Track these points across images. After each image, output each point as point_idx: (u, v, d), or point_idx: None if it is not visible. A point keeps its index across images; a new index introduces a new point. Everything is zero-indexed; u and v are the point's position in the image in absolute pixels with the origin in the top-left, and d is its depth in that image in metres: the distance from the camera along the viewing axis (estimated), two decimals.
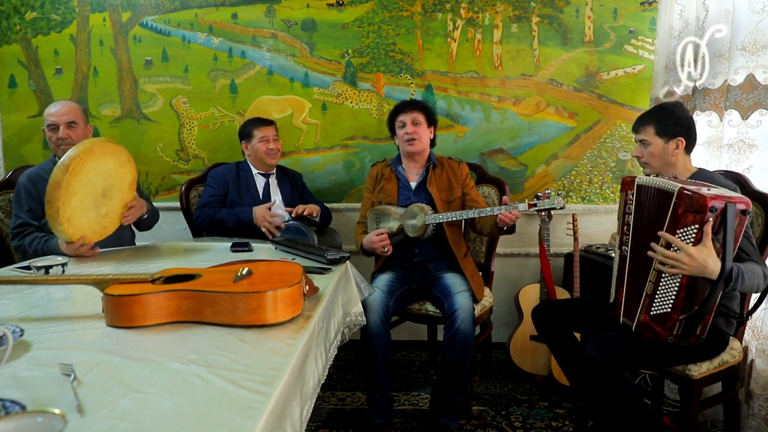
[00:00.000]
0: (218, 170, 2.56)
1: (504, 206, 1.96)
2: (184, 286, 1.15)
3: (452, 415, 2.03)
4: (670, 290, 1.48)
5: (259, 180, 2.55)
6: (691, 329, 1.46)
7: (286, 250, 1.94)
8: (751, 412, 1.92)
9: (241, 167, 2.56)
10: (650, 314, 1.53)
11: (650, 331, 1.52)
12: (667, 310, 1.48)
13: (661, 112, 1.75)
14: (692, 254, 1.39)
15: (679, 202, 1.43)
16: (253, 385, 0.83)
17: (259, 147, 2.48)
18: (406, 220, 2.16)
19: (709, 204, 1.36)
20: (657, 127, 1.72)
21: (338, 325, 1.55)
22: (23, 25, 2.82)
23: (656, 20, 2.67)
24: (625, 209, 1.65)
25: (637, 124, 1.78)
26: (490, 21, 2.79)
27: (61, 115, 2.05)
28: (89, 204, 1.76)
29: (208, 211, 2.42)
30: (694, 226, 1.41)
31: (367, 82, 2.84)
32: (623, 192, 1.67)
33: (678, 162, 1.72)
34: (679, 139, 1.69)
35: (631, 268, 1.63)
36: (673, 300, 1.47)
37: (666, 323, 1.48)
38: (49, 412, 0.69)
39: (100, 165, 1.75)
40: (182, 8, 2.82)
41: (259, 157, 2.50)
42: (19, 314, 1.21)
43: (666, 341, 1.48)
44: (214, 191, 2.48)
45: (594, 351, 1.56)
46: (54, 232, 1.71)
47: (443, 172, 2.29)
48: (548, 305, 1.96)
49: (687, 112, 1.76)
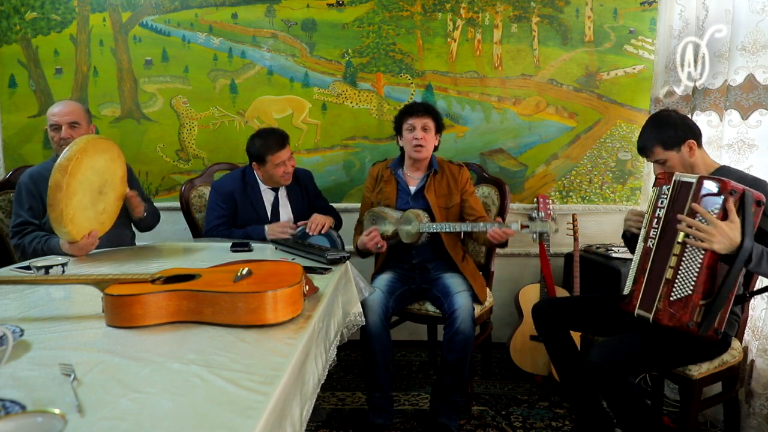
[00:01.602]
0: (224, 184, 2.37)
1: (497, 224, 1.95)
2: (184, 286, 1.15)
3: (452, 415, 2.03)
4: (692, 272, 1.47)
5: (267, 195, 2.39)
6: (712, 316, 1.44)
7: (286, 250, 1.94)
8: (751, 411, 1.92)
9: (247, 179, 2.37)
10: (670, 299, 1.51)
11: (671, 317, 1.50)
12: (688, 293, 1.47)
13: (657, 126, 1.73)
14: (721, 226, 1.40)
15: (699, 188, 1.48)
16: (253, 385, 0.83)
17: (274, 171, 2.27)
18: (401, 225, 2.15)
19: (728, 187, 1.42)
20: (663, 143, 1.70)
21: (338, 325, 1.55)
22: (23, 25, 2.82)
23: (656, 20, 2.67)
24: (657, 203, 1.63)
25: (642, 148, 1.76)
26: (490, 21, 2.79)
27: (63, 115, 2.05)
28: (87, 203, 1.77)
29: (222, 231, 2.30)
30: (715, 206, 1.44)
31: (367, 82, 2.84)
32: (658, 186, 1.65)
33: (697, 161, 1.71)
34: (689, 142, 1.69)
35: (655, 261, 1.60)
36: (694, 282, 1.46)
37: (686, 306, 1.46)
38: (49, 412, 0.69)
39: (94, 163, 1.77)
40: (182, 8, 2.82)
41: (274, 180, 2.32)
42: (19, 314, 1.21)
43: (686, 327, 1.46)
44: (223, 212, 2.33)
45: (598, 357, 1.56)
46: (58, 233, 1.72)
47: (443, 178, 2.27)
48: (549, 303, 1.96)
49: (678, 113, 1.75)
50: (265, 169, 2.29)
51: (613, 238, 2.86)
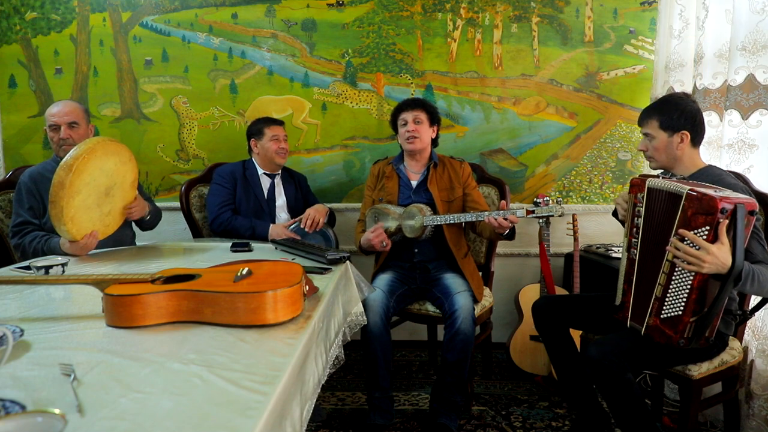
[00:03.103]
0: (225, 168, 2.52)
1: (502, 211, 1.94)
2: (184, 286, 1.15)
3: (452, 415, 2.03)
4: (682, 292, 1.46)
5: (264, 180, 2.53)
6: (701, 331, 1.44)
7: (286, 250, 1.94)
8: (751, 412, 1.92)
9: (247, 166, 2.53)
10: (660, 317, 1.51)
11: (661, 335, 1.51)
12: (678, 313, 1.46)
13: (665, 104, 1.70)
14: (713, 251, 1.36)
15: (689, 204, 1.42)
16: (253, 385, 0.83)
17: (269, 146, 2.46)
18: (404, 221, 2.16)
19: (719, 206, 1.35)
20: (661, 121, 1.68)
21: (338, 325, 1.55)
22: (23, 25, 2.82)
23: (656, 20, 2.67)
24: (634, 212, 1.61)
25: (642, 116, 1.74)
26: (490, 21, 2.79)
27: (62, 115, 2.06)
28: (92, 203, 1.77)
29: (226, 215, 2.38)
30: (705, 228, 1.39)
31: (367, 82, 2.84)
32: (632, 194, 1.62)
33: (684, 156, 1.68)
34: (683, 133, 1.66)
35: (640, 272, 1.60)
36: (685, 302, 1.45)
37: (677, 326, 1.46)
38: (49, 412, 0.69)
39: (103, 164, 1.77)
40: (182, 8, 2.82)
41: (269, 156, 2.48)
42: (19, 314, 1.21)
43: (677, 344, 1.47)
44: (227, 190, 2.45)
45: (597, 353, 1.56)
46: (58, 231, 1.72)
47: (444, 172, 2.28)
48: (548, 301, 1.96)
49: (693, 105, 1.69)
50: (261, 144, 2.48)
51: (613, 238, 2.86)
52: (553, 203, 1.96)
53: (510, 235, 2.03)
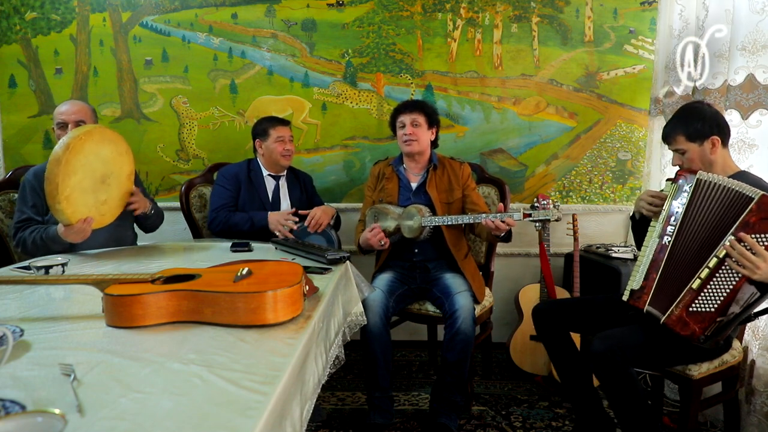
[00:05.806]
0: (229, 169, 2.47)
1: (499, 214, 1.93)
2: (184, 286, 1.15)
3: (452, 415, 2.03)
4: (721, 291, 1.45)
5: (269, 182, 2.47)
6: (722, 332, 1.45)
7: (286, 250, 1.94)
8: (752, 408, 1.92)
9: (251, 167, 2.47)
10: (689, 309, 1.49)
11: (684, 327, 1.49)
12: (710, 310, 1.46)
13: (686, 116, 1.69)
14: None
15: (758, 208, 1.41)
16: (253, 385, 0.83)
17: (274, 147, 2.39)
18: (403, 221, 2.16)
19: None
20: (687, 134, 1.66)
21: (338, 325, 1.55)
22: (23, 25, 2.82)
23: (656, 20, 2.68)
24: (676, 199, 1.59)
25: (666, 134, 1.73)
26: (490, 21, 2.79)
27: (70, 114, 2.07)
28: (88, 187, 1.77)
29: (223, 214, 2.35)
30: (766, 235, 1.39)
31: (367, 82, 2.84)
32: (676, 181, 1.61)
33: (717, 160, 1.67)
34: (713, 138, 1.64)
35: (672, 260, 1.57)
36: (720, 301, 1.44)
37: (703, 322, 1.46)
38: (49, 412, 0.69)
39: (99, 149, 1.79)
40: (182, 8, 2.82)
41: (274, 158, 2.42)
42: (19, 314, 1.21)
43: (697, 340, 1.46)
44: (229, 192, 2.40)
45: (601, 347, 1.56)
46: (53, 211, 1.71)
47: (444, 174, 2.28)
48: (549, 304, 1.96)
49: (711, 108, 1.69)
50: (266, 145, 2.42)
51: (613, 238, 2.86)
52: (554, 204, 1.95)
53: (506, 238, 2.02)
